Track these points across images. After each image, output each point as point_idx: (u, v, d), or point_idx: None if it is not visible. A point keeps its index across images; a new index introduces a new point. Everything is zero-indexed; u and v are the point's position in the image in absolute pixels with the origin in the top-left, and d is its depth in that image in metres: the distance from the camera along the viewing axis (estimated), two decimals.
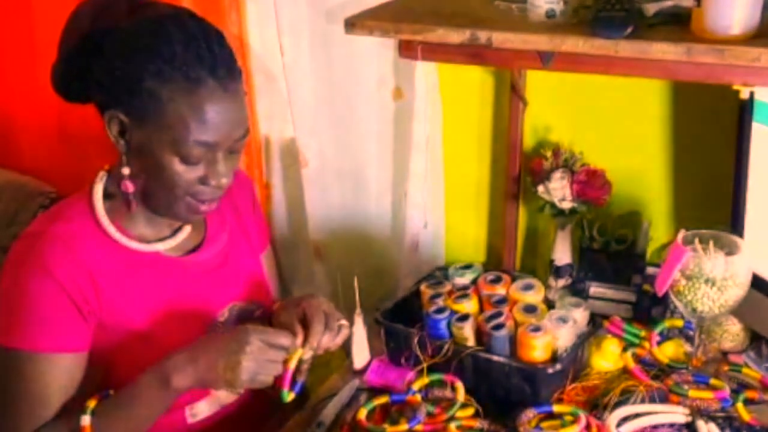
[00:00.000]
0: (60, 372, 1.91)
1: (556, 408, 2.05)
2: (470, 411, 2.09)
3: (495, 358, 2.13)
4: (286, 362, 1.89)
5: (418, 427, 2.03)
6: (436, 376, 2.18)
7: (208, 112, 1.82)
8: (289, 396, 1.90)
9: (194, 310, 2.06)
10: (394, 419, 2.07)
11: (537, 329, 2.11)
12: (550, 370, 2.08)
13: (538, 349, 2.11)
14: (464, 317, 2.21)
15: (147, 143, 1.85)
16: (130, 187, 1.92)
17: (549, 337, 2.11)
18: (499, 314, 2.18)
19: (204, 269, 2.09)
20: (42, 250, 1.88)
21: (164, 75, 1.80)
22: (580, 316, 2.20)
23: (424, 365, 2.19)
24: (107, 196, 1.97)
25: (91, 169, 2.04)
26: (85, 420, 1.85)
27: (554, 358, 2.12)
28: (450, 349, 2.18)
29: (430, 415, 2.07)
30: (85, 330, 1.93)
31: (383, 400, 2.13)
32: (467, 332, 2.19)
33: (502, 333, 2.14)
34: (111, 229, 1.95)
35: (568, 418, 2.01)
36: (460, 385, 2.14)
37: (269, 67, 2.92)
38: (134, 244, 1.97)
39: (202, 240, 2.11)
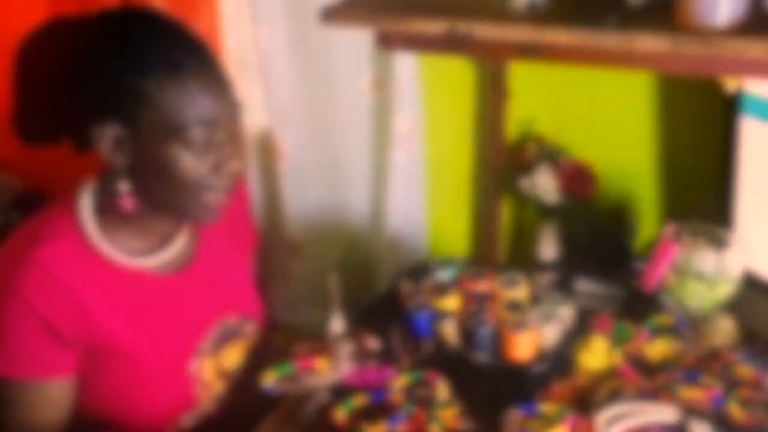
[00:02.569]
0: (44, 399, 1.88)
1: (543, 408, 2.03)
2: (454, 410, 2.07)
3: (478, 357, 2.13)
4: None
5: (399, 427, 2.00)
6: (416, 374, 2.16)
7: (199, 90, 1.80)
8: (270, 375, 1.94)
9: (184, 329, 2.02)
10: (373, 420, 2.04)
11: (520, 327, 2.10)
12: (535, 370, 2.08)
13: (522, 348, 2.10)
14: (446, 314, 2.20)
15: (148, 146, 1.82)
16: (128, 203, 1.88)
17: (533, 335, 2.11)
18: (481, 311, 2.18)
19: (195, 286, 2.06)
20: (21, 279, 1.83)
21: (144, 67, 1.79)
22: (566, 313, 2.20)
23: (405, 364, 2.17)
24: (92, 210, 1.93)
25: (57, 162, 2.02)
26: None
27: (539, 357, 2.12)
28: (431, 347, 2.18)
29: (411, 415, 2.05)
30: (69, 357, 1.89)
31: (362, 399, 2.11)
32: (449, 330, 2.18)
33: (485, 331, 2.13)
34: (103, 247, 1.90)
35: (555, 416, 1.99)
36: (441, 383, 2.12)
37: (244, 57, 2.92)
38: (125, 261, 1.93)
39: (194, 256, 2.08)
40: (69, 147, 1.93)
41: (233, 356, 2.11)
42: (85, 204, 1.92)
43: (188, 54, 1.83)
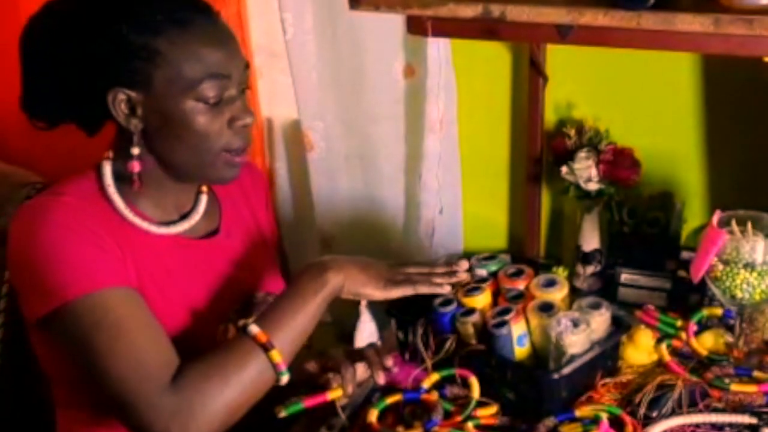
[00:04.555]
0: (134, 302, 1.85)
1: (578, 413, 2.01)
2: (492, 409, 2.05)
3: (497, 358, 2.09)
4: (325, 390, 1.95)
5: (435, 428, 1.99)
6: (446, 372, 2.13)
7: (209, 46, 1.86)
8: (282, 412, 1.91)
9: (212, 299, 2.05)
10: (407, 421, 2.04)
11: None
12: (556, 376, 2.02)
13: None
14: (469, 312, 2.16)
15: (164, 105, 1.86)
16: (136, 166, 1.91)
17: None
18: (506, 311, 2.13)
19: (221, 255, 2.10)
20: (49, 214, 1.85)
21: (153, 27, 1.83)
22: (597, 320, 2.11)
23: (428, 362, 2.15)
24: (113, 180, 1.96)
25: (79, 158, 2.03)
26: (255, 329, 1.82)
27: (559, 364, 2.05)
28: (452, 345, 2.15)
29: (447, 414, 2.04)
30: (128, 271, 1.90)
31: (395, 399, 2.09)
32: (470, 328, 2.15)
33: (503, 332, 2.08)
34: (125, 213, 1.93)
35: (589, 422, 1.98)
36: (474, 381, 2.09)
37: (270, 45, 2.92)
38: (146, 226, 1.96)
39: (218, 227, 2.12)
40: (77, 133, 1.97)
41: None
42: (107, 173, 1.95)
43: (195, 10, 1.89)
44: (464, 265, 2.11)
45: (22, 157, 2.79)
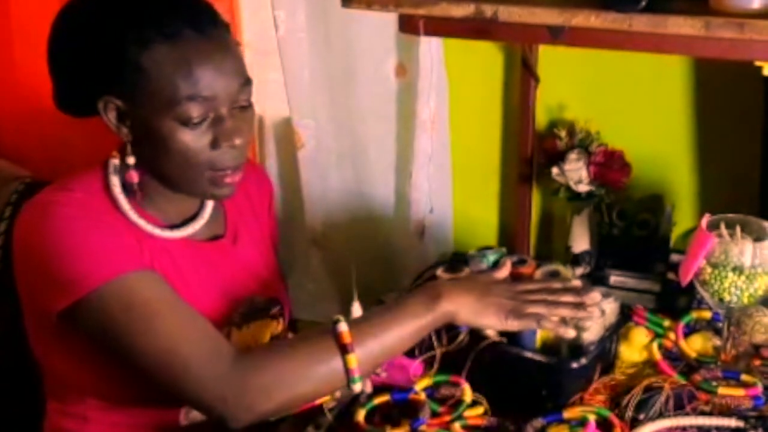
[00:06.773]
0: (164, 284, 1.87)
1: (567, 414, 2.01)
2: (480, 410, 2.06)
3: (514, 350, 2.07)
4: None
5: (422, 427, 1.99)
6: (441, 377, 2.13)
7: (194, 65, 1.82)
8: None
9: (216, 301, 2.05)
10: (395, 421, 2.04)
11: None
12: (575, 365, 2.04)
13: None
14: None
15: (147, 119, 1.85)
16: (134, 177, 1.92)
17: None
18: None
19: (226, 258, 2.11)
20: (64, 204, 1.86)
21: (142, 39, 1.81)
22: (609, 307, 2.13)
23: (437, 354, 2.10)
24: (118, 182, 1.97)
25: (70, 152, 2.04)
26: (343, 327, 1.80)
27: (578, 353, 2.06)
28: (465, 339, 2.13)
29: (435, 414, 2.04)
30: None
31: (383, 399, 2.10)
32: None
33: None
34: (130, 215, 1.93)
35: (577, 424, 1.99)
36: (467, 387, 2.09)
37: (262, 42, 2.92)
38: (150, 228, 1.96)
39: (223, 231, 2.13)
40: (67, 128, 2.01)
41: (258, 334, 2.12)
42: (113, 173, 1.95)
43: (188, 23, 1.84)
44: (596, 297, 2.00)
45: (9, 152, 2.80)
